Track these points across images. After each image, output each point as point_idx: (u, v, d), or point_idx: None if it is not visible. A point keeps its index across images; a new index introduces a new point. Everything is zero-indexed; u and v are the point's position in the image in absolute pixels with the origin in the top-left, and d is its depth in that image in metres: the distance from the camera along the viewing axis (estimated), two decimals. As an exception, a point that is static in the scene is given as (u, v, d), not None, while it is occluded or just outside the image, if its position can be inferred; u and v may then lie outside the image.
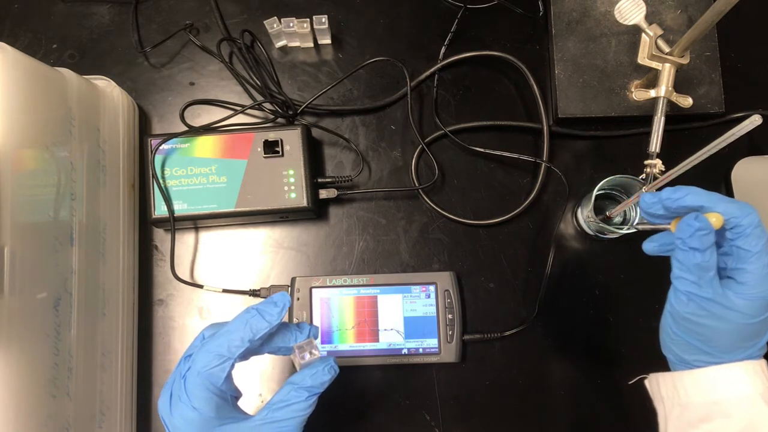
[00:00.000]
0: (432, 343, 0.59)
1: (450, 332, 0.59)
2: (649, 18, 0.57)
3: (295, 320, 0.59)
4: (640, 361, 0.46)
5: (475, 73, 0.66)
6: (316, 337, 0.44)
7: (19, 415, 0.42)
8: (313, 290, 0.60)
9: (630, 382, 0.49)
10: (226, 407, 0.41)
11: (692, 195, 0.38)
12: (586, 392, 0.60)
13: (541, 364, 0.61)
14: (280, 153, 0.59)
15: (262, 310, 0.41)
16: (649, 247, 0.44)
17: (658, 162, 0.55)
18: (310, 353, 0.42)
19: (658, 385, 0.44)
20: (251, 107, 0.63)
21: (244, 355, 0.41)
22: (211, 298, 0.62)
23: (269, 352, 0.43)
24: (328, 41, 0.66)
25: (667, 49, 0.56)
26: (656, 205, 0.39)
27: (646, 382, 0.47)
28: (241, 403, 0.44)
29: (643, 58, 0.57)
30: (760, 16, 0.67)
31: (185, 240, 0.63)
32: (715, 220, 0.38)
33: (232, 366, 0.40)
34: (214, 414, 0.39)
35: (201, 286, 0.61)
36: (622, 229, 0.57)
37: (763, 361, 0.41)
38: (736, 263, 0.39)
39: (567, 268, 0.62)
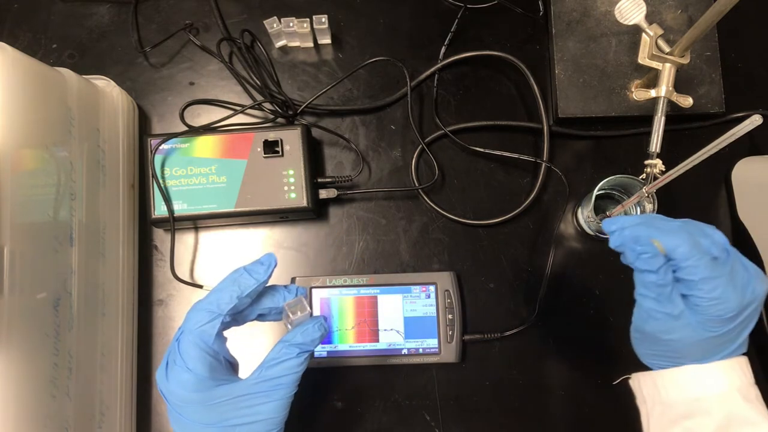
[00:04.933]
0: (432, 343, 0.59)
1: (450, 332, 0.59)
2: (650, 18, 0.57)
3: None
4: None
5: (475, 73, 0.66)
6: (305, 296, 0.44)
7: (19, 415, 0.42)
8: (313, 290, 0.60)
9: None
10: (220, 369, 0.41)
11: (630, 230, 0.40)
12: (586, 392, 0.60)
13: (541, 364, 0.61)
14: (280, 153, 0.59)
15: (250, 269, 0.42)
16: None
17: (659, 162, 0.55)
18: (301, 311, 0.43)
19: (640, 384, 0.45)
20: (251, 107, 0.62)
21: (235, 317, 0.42)
22: (211, 298, 0.62)
23: (260, 316, 0.44)
24: (328, 41, 0.66)
25: (667, 49, 0.56)
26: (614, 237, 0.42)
27: (631, 382, 0.47)
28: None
29: (643, 58, 0.57)
30: (760, 17, 0.67)
31: (185, 240, 0.63)
32: (658, 243, 0.38)
33: (222, 324, 0.40)
34: (208, 374, 0.39)
35: (201, 286, 0.61)
36: (622, 229, 0.56)
37: (743, 357, 0.42)
38: (685, 290, 0.39)
39: (567, 268, 0.62)
